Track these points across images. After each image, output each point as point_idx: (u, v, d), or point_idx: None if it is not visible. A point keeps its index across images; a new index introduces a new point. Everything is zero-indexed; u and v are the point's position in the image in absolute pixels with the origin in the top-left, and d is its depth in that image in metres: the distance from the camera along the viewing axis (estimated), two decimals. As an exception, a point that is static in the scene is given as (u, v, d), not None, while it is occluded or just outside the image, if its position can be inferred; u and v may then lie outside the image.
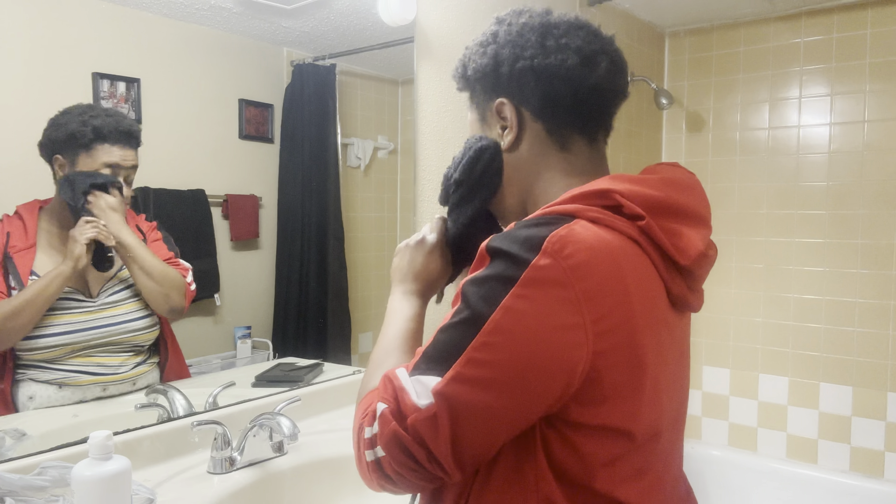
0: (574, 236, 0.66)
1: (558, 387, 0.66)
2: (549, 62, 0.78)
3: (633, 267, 0.70)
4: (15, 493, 0.90)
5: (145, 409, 1.30)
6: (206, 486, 1.15)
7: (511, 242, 0.68)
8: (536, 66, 0.79)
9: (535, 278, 0.65)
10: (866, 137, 2.59)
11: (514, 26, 0.82)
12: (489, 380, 0.65)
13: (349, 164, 1.84)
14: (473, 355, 0.65)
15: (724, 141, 2.90)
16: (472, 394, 0.65)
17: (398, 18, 1.71)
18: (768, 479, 2.72)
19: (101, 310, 1.26)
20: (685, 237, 0.74)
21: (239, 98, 1.51)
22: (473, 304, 0.67)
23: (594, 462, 0.70)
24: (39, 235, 1.19)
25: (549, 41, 0.79)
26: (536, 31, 0.80)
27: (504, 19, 0.84)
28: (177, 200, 1.41)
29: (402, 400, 0.67)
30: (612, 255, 0.68)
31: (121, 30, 1.29)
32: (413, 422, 0.66)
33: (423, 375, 0.67)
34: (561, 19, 0.82)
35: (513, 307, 0.65)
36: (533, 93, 0.80)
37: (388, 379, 0.71)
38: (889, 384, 2.56)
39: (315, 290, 1.73)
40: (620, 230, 0.70)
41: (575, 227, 0.68)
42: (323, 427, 1.46)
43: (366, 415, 0.72)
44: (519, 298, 0.65)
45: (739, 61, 2.84)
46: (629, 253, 0.70)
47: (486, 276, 0.68)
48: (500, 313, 0.65)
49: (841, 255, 2.64)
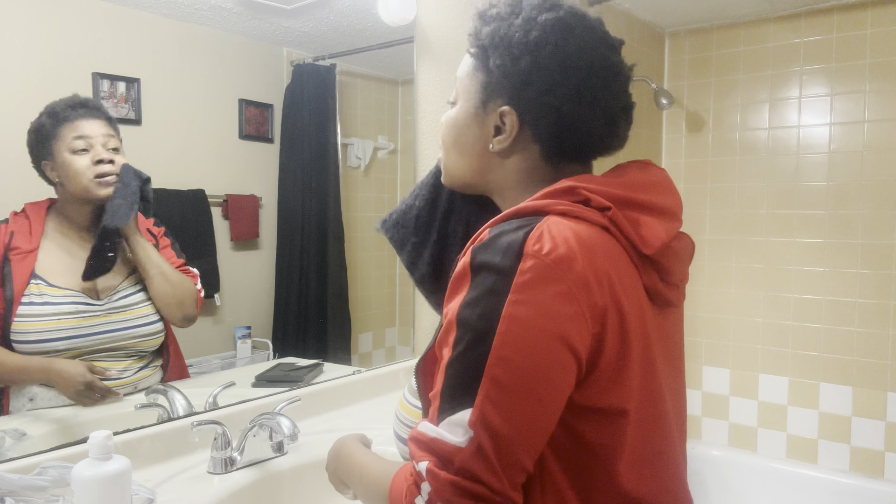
0: (549, 232, 0.68)
1: (572, 374, 0.67)
2: (577, 113, 0.77)
3: (608, 253, 0.71)
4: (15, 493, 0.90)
5: (145, 409, 1.29)
6: (206, 486, 1.15)
7: (493, 254, 0.68)
8: (564, 111, 0.77)
9: (526, 282, 0.65)
10: (866, 137, 2.59)
11: (561, 51, 0.76)
12: (516, 391, 0.64)
13: (349, 164, 1.84)
14: (494, 373, 0.64)
15: (724, 141, 2.90)
16: (508, 410, 0.64)
17: (398, 18, 1.71)
18: (768, 479, 2.72)
19: (108, 314, 1.25)
20: (647, 226, 0.75)
21: (239, 98, 1.51)
22: (474, 326, 0.66)
23: (593, 445, 0.70)
24: (45, 236, 1.19)
25: (585, 92, 0.76)
26: (579, 73, 0.76)
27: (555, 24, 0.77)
28: (177, 200, 1.41)
29: (440, 449, 0.65)
30: (587, 244, 0.69)
31: (121, 30, 1.29)
32: (461, 463, 0.64)
33: (453, 415, 0.66)
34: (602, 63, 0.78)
35: (514, 315, 0.65)
36: (547, 128, 0.78)
37: (415, 441, 0.69)
38: (889, 384, 2.56)
39: (315, 290, 1.73)
40: (590, 219, 0.71)
41: (548, 223, 0.69)
42: (323, 427, 1.46)
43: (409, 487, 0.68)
44: (517, 305, 0.65)
45: (739, 61, 2.84)
46: (603, 240, 0.71)
47: (478, 296, 0.67)
48: (505, 324, 0.65)
49: (841, 255, 2.64)
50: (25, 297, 1.15)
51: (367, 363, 1.87)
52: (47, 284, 1.18)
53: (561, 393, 0.67)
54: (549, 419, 0.68)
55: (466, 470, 0.63)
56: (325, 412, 1.56)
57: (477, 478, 0.63)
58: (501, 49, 0.79)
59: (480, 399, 0.64)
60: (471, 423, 0.64)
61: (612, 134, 0.81)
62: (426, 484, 0.65)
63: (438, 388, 0.68)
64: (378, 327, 1.94)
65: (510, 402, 0.64)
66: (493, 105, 0.82)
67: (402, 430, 0.90)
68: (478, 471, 0.63)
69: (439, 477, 0.64)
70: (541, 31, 0.77)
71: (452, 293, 0.71)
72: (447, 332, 0.70)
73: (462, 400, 0.65)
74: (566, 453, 0.70)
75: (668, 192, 0.82)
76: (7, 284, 1.13)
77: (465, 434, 0.64)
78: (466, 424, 0.64)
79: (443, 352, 0.70)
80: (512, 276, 0.66)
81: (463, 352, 0.67)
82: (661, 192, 0.80)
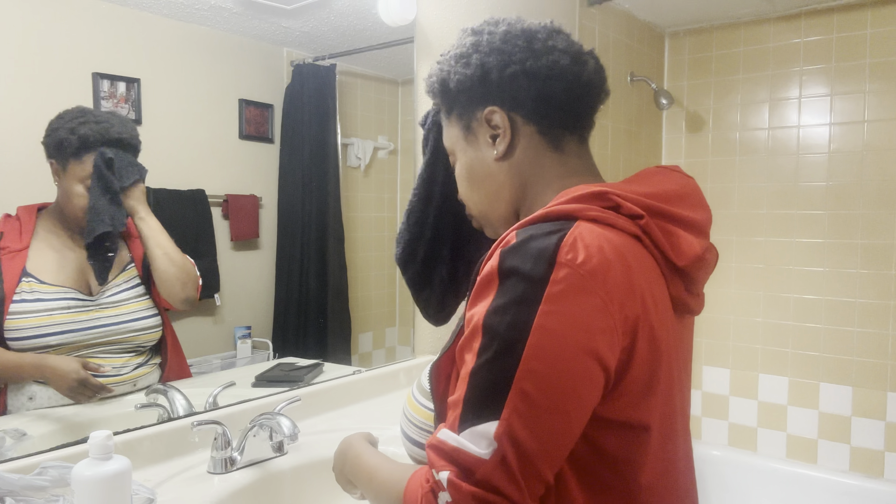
0: (583, 241, 0.66)
1: (600, 389, 0.66)
2: (541, 63, 0.80)
3: (640, 263, 0.70)
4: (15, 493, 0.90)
5: (145, 409, 1.29)
6: (206, 486, 1.15)
7: (524, 260, 0.65)
8: (529, 68, 0.80)
9: (559, 293, 0.64)
10: (866, 137, 2.59)
11: (496, 35, 0.82)
12: (547, 406, 0.63)
13: (349, 164, 1.84)
14: (523, 386, 0.63)
15: (724, 141, 2.90)
16: (535, 425, 0.63)
17: (398, 18, 1.71)
18: (768, 479, 2.72)
19: (102, 309, 1.26)
20: (682, 238, 0.74)
21: (239, 98, 1.51)
22: (503, 335, 0.65)
23: (614, 459, 0.69)
24: (36, 236, 1.19)
25: (536, 45, 0.81)
26: (521, 36, 0.81)
27: (481, 30, 0.84)
28: (177, 200, 1.41)
29: (463, 460, 0.64)
30: (621, 254, 0.68)
31: (121, 30, 1.29)
32: (484, 475, 0.63)
33: (477, 426, 0.64)
34: (539, 25, 0.84)
35: (546, 326, 0.63)
36: (526, 95, 0.80)
37: (435, 448, 0.67)
38: (889, 384, 2.56)
39: (315, 290, 1.73)
40: (622, 228, 0.70)
41: (580, 230, 0.67)
42: (323, 427, 1.46)
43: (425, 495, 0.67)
44: (550, 316, 0.63)
45: (739, 61, 2.84)
46: (634, 250, 0.70)
47: (507, 303, 0.65)
48: (536, 336, 0.63)
49: (841, 255, 2.64)
50: (17, 294, 1.15)
51: (367, 363, 1.87)
52: (38, 282, 1.18)
53: (588, 407, 0.66)
54: (574, 433, 0.67)
55: (488, 482, 0.63)
56: (325, 412, 1.56)
57: (498, 490, 0.62)
58: (452, 73, 0.84)
59: (508, 412, 0.63)
60: (497, 435, 0.63)
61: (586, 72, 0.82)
62: (445, 494, 0.64)
63: (461, 395, 0.67)
64: (378, 327, 1.94)
65: (538, 416, 0.63)
66: (475, 120, 0.84)
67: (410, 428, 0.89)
68: (500, 484, 0.62)
69: (461, 488, 0.63)
70: (472, 35, 0.85)
71: (478, 297, 0.69)
72: (472, 338, 0.68)
73: (488, 410, 0.64)
74: (585, 466, 0.69)
75: (699, 206, 0.81)
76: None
77: (489, 446, 0.63)
78: (492, 437, 0.63)
79: (465, 357, 0.68)
80: (544, 286, 0.64)
81: (490, 360, 0.65)
82: (693, 205, 0.80)
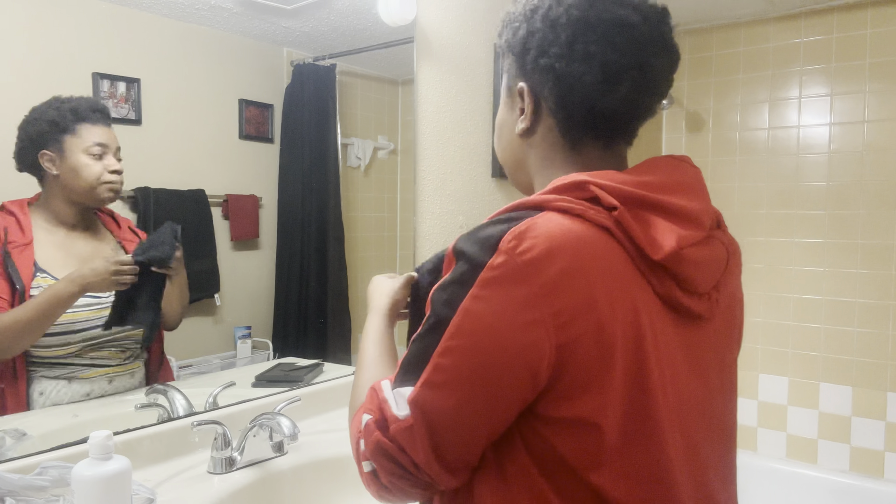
0: (533, 230, 0.65)
1: (525, 383, 0.65)
2: (570, 70, 0.73)
3: (599, 256, 0.66)
4: (15, 493, 0.90)
5: (145, 409, 1.30)
6: (206, 486, 1.15)
7: (472, 244, 0.68)
8: (558, 69, 0.74)
9: (490, 278, 0.65)
10: (866, 137, 2.59)
11: (553, 11, 0.75)
12: (454, 383, 0.65)
13: (349, 164, 1.84)
14: (438, 361, 0.66)
15: (724, 141, 2.90)
16: (442, 399, 0.65)
17: (398, 18, 1.71)
18: (768, 479, 2.72)
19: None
20: (659, 230, 0.69)
21: (239, 98, 1.51)
22: (438, 311, 0.68)
23: (569, 455, 0.68)
24: (35, 231, 1.19)
25: (577, 45, 0.73)
26: (570, 28, 0.73)
27: None
28: (177, 200, 1.41)
29: (385, 411, 0.69)
30: (573, 245, 0.65)
31: (121, 30, 1.29)
32: (394, 432, 0.67)
33: (402, 387, 0.69)
34: (602, 17, 0.73)
35: (470, 309, 0.65)
36: (551, 93, 0.77)
37: (373, 391, 0.72)
38: (889, 384, 2.56)
39: (315, 290, 1.73)
40: (592, 220, 0.67)
41: (537, 220, 0.66)
42: (323, 427, 1.46)
43: (360, 429, 0.72)
44: (476, 300, 0.65)
45: (739, 61, 2.84)
46: (596, 242, 0.67)
47: (449, 282, 0.68)
48: (459, 316, 0.65)
49: (841, 255, 2.64)
50: (34, 289, 1.15)
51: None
52: (53, 278, 1.18)
53: (505, 396, 0.66)
54: (490, 418, 0.67)
55: (395, 440, 0.67)
56: (325, 412, 1.56)
57: (403, 449, 0.67)
58: (506, 29, 0.82)
59: (421, 381, 0.67)
60: (409, 400, 0.67)
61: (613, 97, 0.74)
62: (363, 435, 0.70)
63: (402, 357, 0.71)
64: (378, 327, 1.93)
65: (447, 391, 0.65)
66: (515, 88, 0.82)
67: None
68: (405, 445, 0.66)
69: (373, 434, 0.68)
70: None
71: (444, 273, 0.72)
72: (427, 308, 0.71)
73: (411, 376, 0.68)
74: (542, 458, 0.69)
75: (693, 195, 0.75)
76: (15, 278, 1.14)
77: (405, 409, 0.67)
78: (406, 401, 0.67)
79: None
80: (480, 270, 0.65)
81: (425, 332, 0.69)
82: (686, 193, 0.74)
